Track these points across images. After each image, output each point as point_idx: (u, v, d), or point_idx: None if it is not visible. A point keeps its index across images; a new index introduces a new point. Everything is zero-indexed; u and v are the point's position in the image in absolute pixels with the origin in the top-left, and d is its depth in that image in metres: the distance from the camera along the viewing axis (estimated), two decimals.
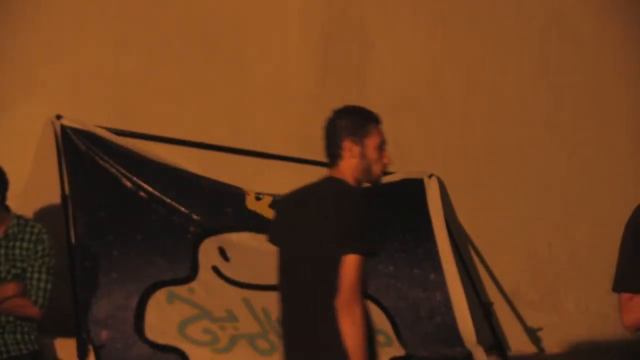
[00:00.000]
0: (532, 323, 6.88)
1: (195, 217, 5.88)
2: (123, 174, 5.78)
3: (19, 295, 4.78)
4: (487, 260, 6.81)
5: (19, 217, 4.92)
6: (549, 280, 6.98)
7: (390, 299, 6.13)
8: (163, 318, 5.52)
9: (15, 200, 5.08)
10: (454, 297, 6.23)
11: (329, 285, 3.81)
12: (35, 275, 4.82)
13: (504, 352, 6.41)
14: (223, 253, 5.88)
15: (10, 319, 4.81)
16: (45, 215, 5.59)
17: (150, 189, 5.82)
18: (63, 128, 5.66)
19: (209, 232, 5.90)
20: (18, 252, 4.83)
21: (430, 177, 6.49)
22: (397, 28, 6.67)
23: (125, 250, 5.62)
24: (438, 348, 6.04)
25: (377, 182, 4.08)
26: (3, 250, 4.83)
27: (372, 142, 4.02)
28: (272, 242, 4.13)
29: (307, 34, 6.45)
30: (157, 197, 5.83)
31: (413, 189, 6.44)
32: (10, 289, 4.77)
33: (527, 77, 6.95)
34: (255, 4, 6.35)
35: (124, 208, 5.75)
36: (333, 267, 3.80)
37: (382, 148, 4.04)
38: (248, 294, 5.78)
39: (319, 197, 3.97)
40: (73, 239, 5.52)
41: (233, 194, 6.05)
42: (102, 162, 5.74)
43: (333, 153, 4.05)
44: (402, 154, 6.09)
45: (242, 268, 5.86)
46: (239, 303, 5.73)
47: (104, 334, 5.38)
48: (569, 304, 6.99)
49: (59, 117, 5.68)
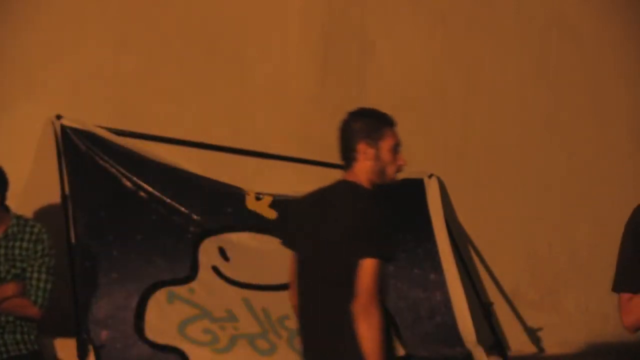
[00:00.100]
0: (532, 323, 6.88)
1: (195, 217, 5.88)
2: (123, 174, 5.78)
3: (19, 295, 4.78)
4: (487, 260, 6.81)
5: (19, 217, 4.92)
6: (549, 280, 6.97)
7: (390, 299, 6.12)
8: (163, 318, 5.52)
9: (15, 200, 5.08)
10: (454, 297, 6.22)
11: (346, 289, 3.85)
12: (35, 275, 4.82)
13: (504, 352, 6.41)
14: (223, 253, 5.87)
15: (10, 319, 4.81)
16: (45, 215, 5.58)
17: (150, 189, 5.82)
18: (63, 128, 5.66)
19: (209, 232, 5.90)
20: (18, 252, 4.83)
21: (430, 177, 6.49)
22: (397, 28, 6.66)
23: (125, 250, 5.62)
24: (438, 348, 6.04)
25: (391, 183, 4.10)
26: (3, 250, 4.82)
27: (386, 144, 4.04)
28: (286, 245, 4.15)
29: (307, 34, 6.45)
30: (157, 197, 5.83)
31: (413, 189, 6.43)
32: (10, 289, 4.76)
33: (527, 77, 6.94)
34: (255, 4, 6.35)
35: (124, 208, 5.74)
36: (350, 270, 3.84)
37: (396, 150, 4.07)
38: (248, 294, 5.78)
39: (335, 200, 4.00)
40: (73, 239, 5.52)
41: (233, 194, 6.05)
42: (102, 162, 5.74)
43: (348, 156, 4.06)
44: (402, 154, 6.08)
45: (242, 268, 5.86)
46: (239, 303, 5.73)
47: (104, 334, 5.38)
48: (569, 304, 6.99)
49: (59, 117, 5.67)
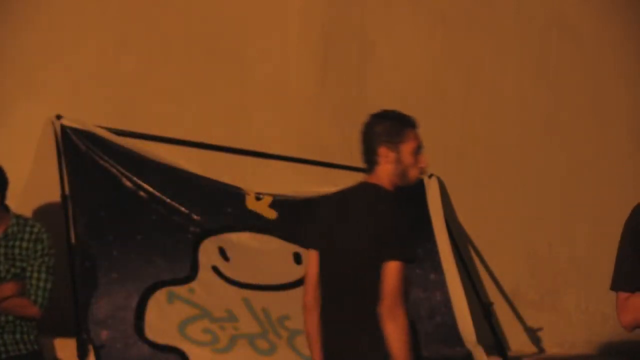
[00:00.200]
0: (532, 323, 6.87)
1: (195, 217, 5.88)
2: (123, 174, 5.78)
3: (18, 295, 4.78)
4: (487, 260, 6.81)
5: (19, 216, 4.93)
6: (549, 280, 6.97)
7: None
8: (163, 318, 5.52)
9: (15, 200, 5.09)
10: (454, 297, 6.22)
11: (369, 291, 3.89)
12: (35, 275, 4.82)
13: (504, 352, 6.41)
14: (223, 253, 5.87)
15: (10, 319, 4.81)
16: (45, 215, 5.58)
17: (150, 189, 5.82)
18: (63, 128, 5.67)
19: (209, 232, 5.89)
20: (17, 251, 4.83)
21: (430, 177, 6.48)
22: (397, 28, 6.66)
23: (125, 250, 5.62)
24: (438, 348, 6.03)
25: (412, 184, 4.15)
26: (2, 250, 4.83)
27: (407, 147, 4.08)
28: (307, 246, 4.18)
29: (307, 34, 6.45)
30: (157, 197, 5.83)
31: (413, 189, 6.42)
32: (10, 289, 4.77)
33: (527, 77, 6.94)
34: (255, 4, 6.35)
35: (124, 208, 5.75)
36: (373, 272, 3.88)
37: (418, 152, 4.11)
38: (248, 294, 5.78)
39: (357, 202, 4.02)
40: (73, 239, 5.52)
41: (233, 194, 6.05)
42: (102, 162, 5.74)
43: (369, 159, 4.09)
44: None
45: (242, 268, 5.86)
46: (239, 303, 5.73)
47: (104, 334, 5.38)
48: (569, 304, 6.98)
49: (59, 117, 5.68)
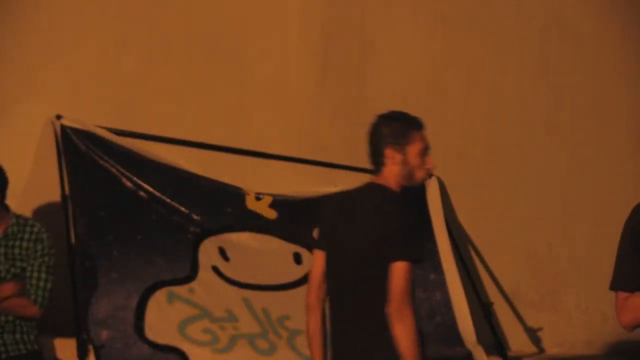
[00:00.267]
0: (532, 323, 6.87)
1: (195, 217, 5.88)
2: (123, 174, 5.78)
3: (18, 295, 4.78)
4: (487, 260, 6.81)
5: (19, 216, 4.93)
6: (549, 280, 6.97)
7: None
8: (163, 318, 5.52)
9: (15, 200, 5.09)
10: (454, 297, 6.22)
11: (377, 291, 3.89)
12: (35, 275, 4.82)
13: (504, 352, 6.41)
14: (223, 253, 5.87)
15: (10, 319, 4.81)
16: (45, 215, 5.58)
17: (150, 189, 5.82)
18: (63, 128, 5.66)
19: (209, 232, 5.89)
20: (17, 251, 4.84)
21: (430, 177, 6.48)
22: (397, 28, 6.66)
23: (125, 250, 5.62)
24: (438, 348, 6.03)
25: (420, 185, 4.18)
26: (2, 250, 4.83)
27: (414, 149, 4.08)
28: (315, 246, 4.18)
29: (307, 34, 6.45)
30: (157, 197, 5.83)
31: (413, 189, 6.41)
32: (9, 289, 4.77)
33: (527, 77, 6.94)
34: (255, 4, 6.35)
35: (124, 208, 5.74)
36: (381, 273, 3.88)
37: (424, 154, 4.12)
38: (248, 294, 5.78)
39: (364, 203, 4.03)
40: (73, 239, 5.52)
41: (233, 194, 6.04)
42: (102, 162, 5.74)
43: (376, 160, 4.10)
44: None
45: (242, 268, 5.86)
46: (239, 303, 5.73)
47: (104, 334, 5.38)
48: (569, 304, 6.98)
49: (59, 117, 5.68)
